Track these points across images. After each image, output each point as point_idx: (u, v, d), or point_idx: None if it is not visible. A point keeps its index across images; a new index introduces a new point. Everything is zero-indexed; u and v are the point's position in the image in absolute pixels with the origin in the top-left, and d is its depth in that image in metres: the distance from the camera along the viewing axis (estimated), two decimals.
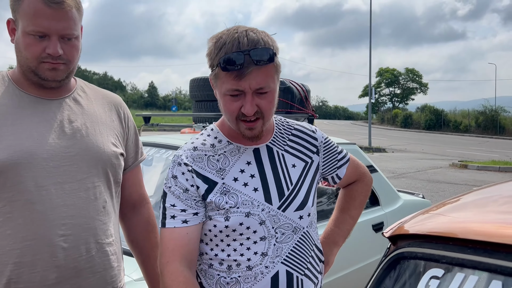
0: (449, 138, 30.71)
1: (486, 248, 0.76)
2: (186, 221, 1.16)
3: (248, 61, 1.06)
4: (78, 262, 1.21)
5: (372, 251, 3.19)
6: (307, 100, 3.07)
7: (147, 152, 2.68)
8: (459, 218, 0.95)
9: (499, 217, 0.91)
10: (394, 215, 3.42)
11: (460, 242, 0.81)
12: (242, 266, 1.16)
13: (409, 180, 10.61)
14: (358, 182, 1.46)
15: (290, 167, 1.24)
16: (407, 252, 0.93)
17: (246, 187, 1.17)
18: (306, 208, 1.23)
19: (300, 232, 1.22)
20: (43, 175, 1.18)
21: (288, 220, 1.19)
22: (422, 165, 13.85)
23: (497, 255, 0.74)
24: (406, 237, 0.96)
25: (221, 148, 1.21)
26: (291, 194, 1.21)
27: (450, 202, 1.17)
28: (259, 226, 1.16)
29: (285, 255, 1.19)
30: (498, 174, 12.31)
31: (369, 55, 22.39)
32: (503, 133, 32.44)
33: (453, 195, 8.62)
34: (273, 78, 1.13)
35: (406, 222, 1.04)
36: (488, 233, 0.77)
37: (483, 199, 1.15)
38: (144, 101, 65.79)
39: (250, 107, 1.10)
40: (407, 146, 22.23)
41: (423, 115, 40.99)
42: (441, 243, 0.85)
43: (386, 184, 3.58)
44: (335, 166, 1.36)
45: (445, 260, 0.83)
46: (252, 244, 1.16)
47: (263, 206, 1.17)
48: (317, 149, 1.31)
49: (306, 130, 1.33)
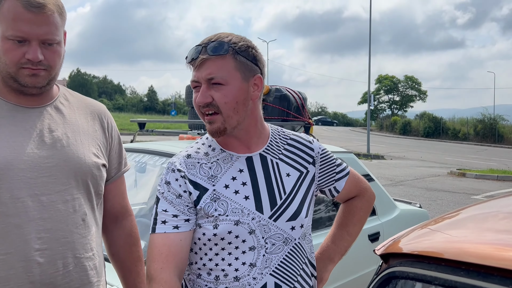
0: (447, 145, 30.71)
1: (480, 271, 0.73)
2: (177, 226, 1.14)
3: (203, 52, 1.13)
4: (54, 277, 1.16)
5: (367, 261, 3.14)
6: (304, 107, 3.04)
7: (141, 159, 2.65)
8: (455, 237, 0.91)
9: (496, 236, 0.87)
10: (391, 225, 3.38)
11: (453, 263, 0.78)
12: (230, 276, 1.14)
13: (407, 188, 10.57)
14: (359, 197, 1.43)
15: (284, 176, 1.22)
16: (398, 272, 0.90)
17: (237, 195, 1.16)
18: (299, 219, 1.20)
19: (292, 244, 1.19)
20: (19, 187, 1.13)
21: (279, 230, 1.17)
22: (421, 173, 13.82)
23: (492, 278, 0.71)
24: (398, 255, 0.92)
25: (214, 156, 1.21)
26: (284, 204, 1.19)
27: (449, 216, 1.13)
28: (249, 235, 1.14)
29: (275, 267, 1.16)
30: (496, 182, 12.28)
31: (368, 62, 22.43)
32: (501, 142, 32.48)
33: (451, 203, 8.59)
34: (230, 72, 1.14)
35: (400, 239, 1.01)
36: (483, 256, 0.74)
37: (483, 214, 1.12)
38: (143, 105, 65.79)
39: (200, 95, 1.14)
40: (405, 153, 22.21)
41: (422, 122, 41.05)
42: (433, 263, 0.82)
43: (382, 193, 3.54)
44: (333, 178, 1.34)
45: (437, 282, 0.79)
46: (241, 254, 1.14)
47: (253, 215, 1.15)
48: (313, 159, 1.29)
49: (302, 140, 1.32)
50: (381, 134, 42.98)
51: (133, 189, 2.74)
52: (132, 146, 2.83)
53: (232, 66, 1.15)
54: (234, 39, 1.17)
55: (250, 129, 1.21)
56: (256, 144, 1.23)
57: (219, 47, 1.14)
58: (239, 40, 1.17)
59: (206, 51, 1.14)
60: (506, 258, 0.72)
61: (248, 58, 1.17)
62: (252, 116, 1.21)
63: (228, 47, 1.14)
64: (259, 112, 1.24)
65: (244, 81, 1.17)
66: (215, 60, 1.13)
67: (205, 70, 1.14)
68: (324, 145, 1.56)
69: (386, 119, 52.10)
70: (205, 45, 1.15)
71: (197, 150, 1.23)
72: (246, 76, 1.17)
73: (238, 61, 1.15)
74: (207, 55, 1.13)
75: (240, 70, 1.16)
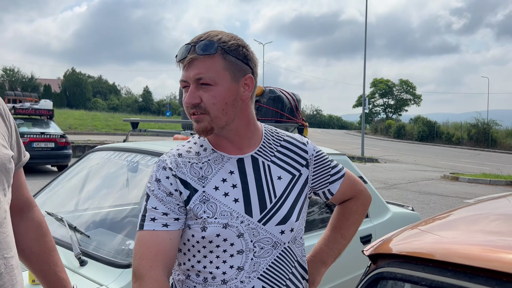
0: (441, 150, 30.86)
1: (467, 272, 0.73)
2: (167, 225, 1.12)
3: (192, 52, 1.11)
4: None
5: (359, 263, 3.14)
6: (298, 109, 3.04)
7: (133, 159, 2.63)
8: (444, 238, 0.91)
9: (485, 238, 0.87)
10: (383, 227, 3.38)
11: (441, 264, 0.78)
12: (217, 279, 1.13)
13: (400, 191, 10.61)
14: (354, 199, 1.40)
15: (275, 179, 1.20)
16: (386, 272, 0.89)
17: (226, 197, 1.14)
18: (289, 223, 1.18)
19: (281, 248, 1.18)
20: None
21: (268, 234, 1.16)
22: (414, 176, 13.87)
23: (478, 279, 0.71)
24: (386, 256, 0.92)
25: (205, 156, 1.19)
26: (274, 207, 1.17)
27: (439, 217, 1.13)
28: (237, 238, 1.13)
29: (262, 271, 1.15)
30: (489, 187, 12.35)
31: (363, 65, 22.51)
32: (494, 146, 32.69)
33: (443, 207, 8.62)
34: (219, 73, 1.12)
35: (388, 239, 1.01)
36: (470, 257, 0.74)
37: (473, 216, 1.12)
38: (138, 106, 65.56)
39: (189, 96, 1.13)
40: (399, 157, 22.29)
41: (416, 126, 41.26)
42: (421, 264, 0.81)
43: (375, 195, 3.55)
44: (327, 181, 1.31)
45: (424, 283, 0.79)
46: (229, 257, 1.13)
47: (242, 218, 1.13)
48: (306, 162, 1.27)
49: (296, 142, 1.29)
50: (376, 138, 43.12)
51: (125, 189, 2.73)
52: (124, 146, 2.81)
53: (221, 66, 1.12)
54: (224, 37, 1.14)
55: (241, 129, 1.19)
56: (248, 146, 1.21)
57: (208, 46, 1.12)
58: (229, 38, 1.15)
59: (195, 50, 1.12)
60: (494, 260, 0.72)
61: (239, 58, 1.15)
62: (242, 117, 1.18)
63: (217, 46, 1.12)
64: (250, 113, 1.21)
65: (234, 82, 1.15)
66: (203, 59, 1.11)
67: (193, 70, 1.12)
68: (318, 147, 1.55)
69: (381, 122, 52.32)
70: (194, 44, 1.13)
71: (189, 149, 1.22)
72: (236, 76, 1.15)
73: (227, 61, 1.13)
74: (195, 55, 1.11)
75: (230, 70, 1.13)
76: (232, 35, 1.17)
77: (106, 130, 29.58)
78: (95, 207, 2.68)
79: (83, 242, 2.12)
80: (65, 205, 2.74)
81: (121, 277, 1.87)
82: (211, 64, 1.12)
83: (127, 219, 2.42)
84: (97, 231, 2.32)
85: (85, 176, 2.90)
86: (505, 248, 0.75)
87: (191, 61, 1.12)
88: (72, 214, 2.57)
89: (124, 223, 2.36)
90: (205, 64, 1.11)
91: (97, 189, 2.81)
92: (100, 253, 2.05)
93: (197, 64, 1.12)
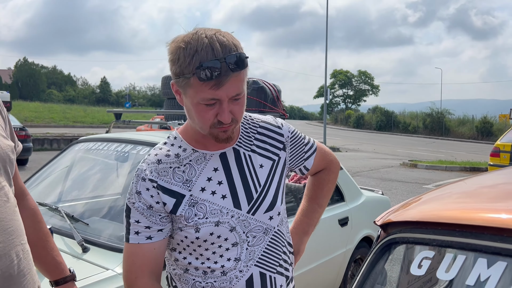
0: (399, 138, 31.99)
1: (472, 231, 0.89)
2: (151, 237, 1.15)
3: (225, 69, 1.02)
4: (12, 268, 1.12)
5: (338, 244, 3.34)
6: (279, 99, 3.18)
7: (123, 149, 2.68)
8: (446, 205, 1.08)
9: (482, 204, 1.04)
10: (358, 210, 3.60)
11: (449, 226, 0.93)
12: (217, 272, 1.17)
13: (363, 178, 11.01)
14: (326, 170, 1.47)
15: (257, 168, 1.23)
16: (398, 238, 1.04)
17: (214, 196, 1.16)
18: (276, 208, 1.22)
19: (271, 232, 1.22)
20: None
21: (259, 222, 1.19)
22: (375, 164, 14.40)
23: (482, 236, 0.87)
24: (397, 224, 1.07)
25: (186, 157, 1.18)
26: (260, 196, 1.20)
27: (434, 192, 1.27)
28: (230, 233, 1.16)
29: (258, 257, 1.20)
30: (445, 172, 13.02)
31: (325, 56, 22.92)
32: (448, 135, 34.18)
33: (404, 192, 9.06)
34: (245, 82, 1.10)
35: (397, 210, 1.16)
36: (474, 218, 0.90)
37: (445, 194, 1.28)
38: (96, 97, 63.70)
39: (227, 115, 1.07)
40: (359, 146, 22.96)
41: (375, 116, 42.44)
42: (431, 228, 0.97)
43: (350, 181, 3.76)
44: (302, 158, 1.35)
45: (435, 243, 0.95)
46: (225, 251, 1.17)
47: (232, 212, 1.16)
48: (283, 145, 1.29)
49: (272, 127, 1.29)
50: (336, 128, 44.06)
51: (116, 178, 2.78)
52: (113, 136, 2.86)
53: (246, 75, 1.10)
54: (238, 42, 1.09)
55: None
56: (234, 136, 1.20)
57: (240, 60, 1.04)
58: (237, 41, 1.09)
59: (228, 67, 1.02)
60: (495, 220, 0.88)
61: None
62: None
63: (246, 58, 1.06)
64: None
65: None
66: (237, 74, 1.05)
67: (230, 88, 1.05)
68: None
69: (341, 113, 53.44)
70: (223, 60, 1.02)
71: (167, 152, 1.19)
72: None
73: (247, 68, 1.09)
74: (232, 73, 1.03)
75: (247, 75, 1.12)
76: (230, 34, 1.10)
77: (65, 123, 28.67)
78: (86, 197, 2.72)
79: (81, 230, 2.17)
80: (55, 196, 2.75)
81: None
82: (242, 77, 1.08)
83: (121, 207, 2.48)
84: (92, 219, 2.37)
85: (72, 167, 2.92)
86: (503, 210, 0.92)
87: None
88: (62, 204, 2.59)
89: (118, 210, 2.42)
90: (239, 79, 1.06)
91: (86, 179, 2.84)
92: (101, 239, 2.11)
93: (233, 81, 1.05)
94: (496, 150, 9.37)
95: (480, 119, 33.08)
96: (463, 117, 36.61)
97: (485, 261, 0.86)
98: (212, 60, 1.01)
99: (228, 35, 1.08)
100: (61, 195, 2.74)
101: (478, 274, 0.85)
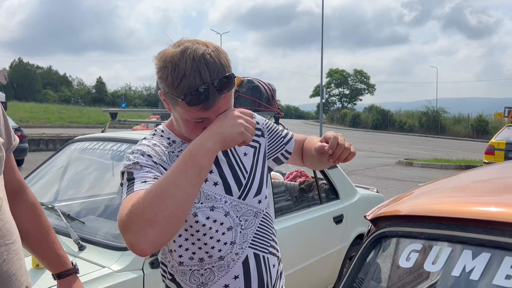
0: (394, 137, 32.10)
1: (458, 224, 0.92)
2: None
3: (213, 92, 1.05)
4: None
5: (333, 242, 3.37)
6: (274, 98, 3.20)
7: (118, 148, 2.70)
8: (434, 200, 1.10)
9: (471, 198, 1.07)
10: (353, 208, 3.63)
11: (436, 220, 0.96)
12: (214, 257, 1.22)
13: (359, 177, 11.06)
14: (308, 139, 1.49)
15: (242, 156, 1.30)
16: (388, 232, 1.07)
17: (206, 183, 1.22)
18: (263, 192, 1.31)
19: (261, 215, 1.30)
20: None
21: (249, 207, 1.27)
22: (371, 163, 14.46)
23: (468, 229, 0.90)
24: (387, 218, 1.10)
25: (177, 147, 1.23)
26: (248, 183, 1.28)
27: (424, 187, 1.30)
28: (225, 217, 1.22)
29: (251, 239, 1.26)
30: (440, 171, 13.09)
31: (321, 56, 22.97)
32: (443, 133, 34.33)
33: (400, 191, 9.10)
34: (232, 96, 1.15)
35: (386, 205, 1.19)
36: (460, 211, 0.93)
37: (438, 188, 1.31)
38: (91, 97, 63.55)
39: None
40: (356, 144, 22.99)
41: (371, 115, 42.59)
42: (419, 221, 1.00)
43: (345, 179, 3.79)
44: (282, 142, 1.42)
45: (423, 236, 0.97)
46: (221, 235, 1.22)
47: (225, 198, 1.23)
48: (261, 131, 1.38)
49: None
50: (332, 127, 44.14)
51: (111, 177, 2.80)
52: (108, 135, 2.87)
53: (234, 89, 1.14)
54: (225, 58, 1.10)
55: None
56: None
57: (229, 81, 1.08)
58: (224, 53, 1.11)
59: (215, 90, 1.05)
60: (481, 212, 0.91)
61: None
62: None
63: (234, 77, 1.09)
64: None
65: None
66: (226, 94, 1.09)
67: (218, 108, 1.09)
68: None
69: (337, 112, 53.58)
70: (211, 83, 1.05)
71: (160, 140, 1.23)
72: None
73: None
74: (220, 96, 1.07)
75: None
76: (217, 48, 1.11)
77: (60, 123, 28.61)
78: (82, 196, 2.73)
79: (78, 229, 2.19)
80: (51, 195, 2.77)
81: (121, 259, 1.97)
82: (230, 94, 1.13)
83: (117, 205, 2.49)
84: (88, 218, 2.39)
85: (68, 166, 2.93)
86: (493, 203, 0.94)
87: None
88: (58, 203, 2.61)
89: (114, 209, 2.44)
90: (227, 98, 1.11)
91: (82, 178, 2.86)
92: (97, 238, 2.13)
93: (222, 101, 1.09)
94: (490, 148, 9.44)
95: (475, 117, 33.23)
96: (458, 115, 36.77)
97: (470, 252, 0.88)
98: (200, 86, 1.03)
99: (215, 52, 1.08)
100: (57, 194, 2.75)
101: (463, 265, 0.88)
